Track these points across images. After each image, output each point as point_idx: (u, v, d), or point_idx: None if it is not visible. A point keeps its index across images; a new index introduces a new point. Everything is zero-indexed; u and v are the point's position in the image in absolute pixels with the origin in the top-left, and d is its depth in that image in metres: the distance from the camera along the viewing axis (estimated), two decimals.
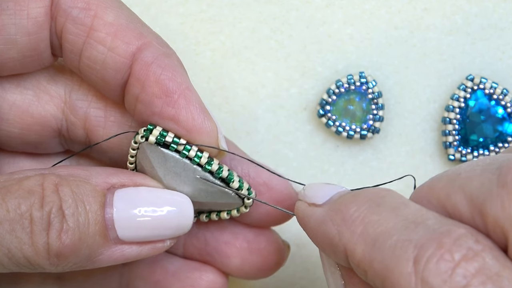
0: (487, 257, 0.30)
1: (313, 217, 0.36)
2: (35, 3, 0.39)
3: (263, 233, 0.43)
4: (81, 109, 0.42)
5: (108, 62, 0.39)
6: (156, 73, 0.39)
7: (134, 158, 0.41)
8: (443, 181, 0.33)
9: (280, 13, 0.51)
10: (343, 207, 0.34)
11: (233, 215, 0.41)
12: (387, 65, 0.51)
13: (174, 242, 0.40)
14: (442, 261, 0.30)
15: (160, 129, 0.39)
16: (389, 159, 0.51)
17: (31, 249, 0.35)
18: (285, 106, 0.51)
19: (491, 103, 0.49)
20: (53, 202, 0.35)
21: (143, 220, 0.38)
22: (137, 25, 0.40)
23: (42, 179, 0.36)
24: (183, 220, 0.39)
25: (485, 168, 0.32)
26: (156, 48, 0.39)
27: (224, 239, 0.43)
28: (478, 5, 0.51)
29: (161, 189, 0.39)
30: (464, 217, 0.32)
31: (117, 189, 0.38)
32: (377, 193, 0.35)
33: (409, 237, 0.31)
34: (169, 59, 0.39)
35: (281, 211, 0.42)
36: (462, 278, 0.29)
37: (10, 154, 0.43)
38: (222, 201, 0.41)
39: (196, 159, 0.40)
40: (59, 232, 0.35)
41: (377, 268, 0.31)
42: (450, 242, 0.30)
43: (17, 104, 0.41)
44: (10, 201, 0.35)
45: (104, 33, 0.39)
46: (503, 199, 0.30)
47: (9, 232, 0.35)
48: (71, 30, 0.39)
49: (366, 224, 0.33)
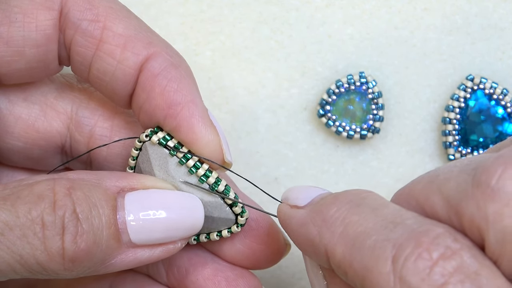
0: (465, 255, 0.30)
1: (294, 219, 0.36)
2: (43, 16, 0.39)
3: (244, 276, 0.42)
4: (87, 127, 0.42)
5: (118, 74, 0.39)
6: (162, 85, 0.39)
7: (135, 161, 0.41)
8: (422, 183, 0.33)
9: (280, 13, 0.51)
10: (324, 208, 0.34)
11: (223, 236, 0.41)
12: (387, 65, 0.51)
13: (185, 243, 0.39)
14: (420, 259, 0.30)
15: (165, 133, 0.40)
16: (389, 159, 0.51)
17: (44, 254, 0.35)
18: (285, 106, 0.51)
19: (491, 103, 0.49)
20: (66, 206, 0.35)
21: (155, 223, 0.37)
22: (146, 34, 0.40)
23: (53, 183, 0.36)
24: (194, 221, 0.39)
25: (462, 169, 0.32)
26: (165, 58, 0.39)
27: (204, 275, 0.42)
28: (478, 5, 0.51)
29: (171, 190, 0.39)
30: (442, 218, 0.32)
31: (127, 192, 0.38)
32: (357, 194, 0.35)
33: (388, 237, 0.31)
34: (177, 70, 0.39)
35: (267, 256, 0.42)
36: (440, 277, 0.29)
37: (10, 169, 0.43)
38: (215, 215, 0.40)
39: (193, 169, 0.39)
40: (74, 236, 0.35)
41: (357, 268, 0.31)
42: (428, 241, 0.30)
43: (23, 118, 0.41)
44: (20, 207, 0.35)
45: (113, 45, 0.39)
46: (478, 199, 0.30)
47: (20, 238, 0.34)
48: (81, 43, 0.39)
49: (346, 225, 0.33)
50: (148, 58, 0.39)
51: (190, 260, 0.43)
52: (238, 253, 0.42)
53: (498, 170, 0.30)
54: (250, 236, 0.42)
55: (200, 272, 0.42)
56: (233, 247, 0.42)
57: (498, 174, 0.30)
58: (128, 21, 0.39)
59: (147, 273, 0.43)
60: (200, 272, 0.42)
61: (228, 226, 0.41)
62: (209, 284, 0.42)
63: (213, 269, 0.42)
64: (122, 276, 0.43)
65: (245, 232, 0.42)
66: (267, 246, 0.42)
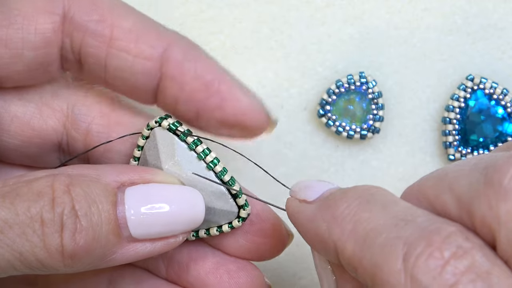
0: (477, 255, 0.29)
1: (303, 213, 0.36)
2: (43, 19, 0.39)
3: (245, 268, 0.42)
4: (83, 124, 0.42)
5: (136, 68, 0.39)
6: (191, 69, 0.39)
7: (140, 152, 0.41)
8: (432, 181, 0.33)
9: (280, 13, 0.51)
10: (333, 204, 0.34)
11: (224, 231, 0.41)
12: (387, 65, 0.51)
13: (186, 237, 0.39)
14: (432, 258, 0.29)
15: (175, 119, 0.40)
16: (389, 159, 0.51)
17: (44, 251, 0.35)
18: (285, 106, 0.51)
19: (491, 103, 0.49)
20: (64, 203, 0.35)
21: (155, 217, 0.37)
22: (154, 26, 0.40)
23: (52, 180, 0.36)
24: (194, 214, 0.38)
25: (472, 167, 0.32)
26: (180, 44, 0.39)
27: (205, 268, 0.42)
28: (478, 5, 0.51)
29: (171, 184, 0.39)
30: (453, 216, 0.32)
31: (128, 187, 0.38)
32: (366, 190, 0.34)
33: (399, 235, 0.31)
34: (196, 51, 0.40)
35: (270, 247, 0.42)
36: (451, 276, 0.29)
37: (8, 165, 0.43)
38: (218, 206, 0.40)
39: (202, 154, 0.40)
40: (73, 233, 0.35)
41: (367, 265, 0.31)
42: (439, 240, 0.30)
43: (19, 116, 0.41)
44: (20, 204, 0.35)
45: (125, 41, 0.39)
46: (490, 198, 0.30)
47: (19, 236, 0.34)
48: (91, 43, 0.39)
49: (356, 222, 0.33)
50: (166, 48, 0.39)
51: (190, 254, 0.42)
52: (240, 247, 0.42)
53: (511, 169, 0.30)
54: (253, 230, 0.42)
55: (201, 266, 0.42)
56: (235, 242, 0.42)
57: (510, 174, 0.30)
58: (135, 17, 0.40)
59: (146, 267, 0.43)
60: (201, 266, 0.42)
61: (230, 219, 0.41)
62: (211, 278, 0.42)
63: (214, 262, 0.42)
64: (121, 271, 0.43)
65: (247, 227, 0.42)
66: (270, 239, 0.42)
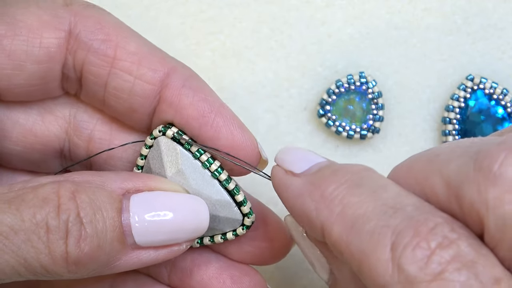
0: (462, 245, 0.30)
1: (290, 187, 0.36)
2: (48, 34, 0.39)
3: (249, 273, 0.42)
4: (85, 130, 0.42)
5: (136, 90, 0.39)
6: (189, 96, 0.39)
7: (143, 161, 0.41)
8: (422, 162, 0.34)
9: (280, 13, 0.51)
10: (322, 183, 0.34)
11: (228, 238, 0.41)
12: (387, 65, 0.51)
13: (190, 245, 0.39)
14: (419, 249, 0.30)
15: (178, 129, 0.40)
16: (389, 159, 0.51)
17: (48, 258, 0.35)
18: (285, 106, 0.51)
19: (491, 103, 0.49)
20: (70, 210, 0.35)
21: (160, 225, 0.37)
22: (158, 52, 0.40)
23: (58, 186, 0.36)
24: (199, 223, 0.38)
25: (463, 151, 0.32)
26: (182, 72, 0.40)
27: (209, 274, 0.42)
28: (478, 5, 0.51)
29: (176, 192, 0.39)
30: (441, 200, 0.32)
31: (133, 194, 0.38)
32: (356, 172, 0.35)
33: (388, 223, 0.31)
34: (197, 80, 0.40)
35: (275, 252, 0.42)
36: (437, 265, 0.29)
37: (11, 170, 0.43)
38: (222, 214, 0.40)
39: (206, 163, 0.40)
40: (77, 240, 0.35)
41: (354, 251, 0.32)
42: (426, 230, 0.30)
43: (21, 122, 0.41)
44: (25, 211, 0.35)
45: (128, 62, 0.39)
46: (479, 183, 0.30)
47: (24, 242, 0.34)
48: (94, 62, 0.39)
49: (345, 205, 0.33)
50: (168, 73, 0.39)
51: (193, 260, 0.43)
52: (244, 252, 0.42)
53: (501, 155, 0.30)
54: (257, 235, 0.42)
55: (204, 271, 0.42)
56: (239, 247, 0.42)
57: (500, 160, 0.30)
58: (139, 40, 0.40)
59: (148, 273, 0.44)
60: (204, 271, 0.42)
61: (234, 227, 0.41)
62: (214, 283, 0.42)
63: (217, 267, 0.42)
64: (123, 277, 0.43)
65: (251, 232, 0.42)
66: (273, 243, 0.42)
